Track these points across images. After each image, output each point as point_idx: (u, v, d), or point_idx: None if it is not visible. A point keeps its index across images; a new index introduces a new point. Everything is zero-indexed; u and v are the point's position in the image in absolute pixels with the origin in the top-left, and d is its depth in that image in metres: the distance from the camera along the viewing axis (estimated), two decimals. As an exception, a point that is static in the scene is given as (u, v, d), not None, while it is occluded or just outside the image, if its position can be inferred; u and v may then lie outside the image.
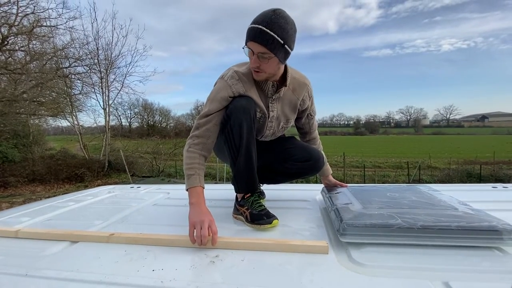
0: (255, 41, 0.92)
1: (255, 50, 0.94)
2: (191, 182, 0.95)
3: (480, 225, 0.74)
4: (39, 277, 0.68)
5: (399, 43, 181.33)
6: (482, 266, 0.66)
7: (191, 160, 0.99)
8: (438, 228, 0.74)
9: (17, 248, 0.88)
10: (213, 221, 0.85)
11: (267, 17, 0.91)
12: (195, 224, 0.83)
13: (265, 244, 0.80)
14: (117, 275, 0.66)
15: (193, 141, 1.01)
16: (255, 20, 0.92)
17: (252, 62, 0.96)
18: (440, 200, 0.99)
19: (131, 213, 1.25)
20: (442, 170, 12.04)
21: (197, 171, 0.97)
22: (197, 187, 0.95)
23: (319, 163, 1.21)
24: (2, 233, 0.97)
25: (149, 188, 1.81)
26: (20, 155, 9.84)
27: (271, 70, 0.99)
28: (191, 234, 0.83)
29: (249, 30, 0.93)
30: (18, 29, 9.79)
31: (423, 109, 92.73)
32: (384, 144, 31.85)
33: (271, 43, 0.91)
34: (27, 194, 8.24)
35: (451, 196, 1.05)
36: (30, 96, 10.25)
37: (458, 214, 0.82)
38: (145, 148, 14.37)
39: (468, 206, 0.91)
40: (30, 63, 10.32)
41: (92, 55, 11.28)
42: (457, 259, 0.69)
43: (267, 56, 0.94)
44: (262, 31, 0.90)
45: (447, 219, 0.78)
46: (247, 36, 0.94)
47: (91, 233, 0.92)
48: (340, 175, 11.36)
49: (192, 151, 1.00)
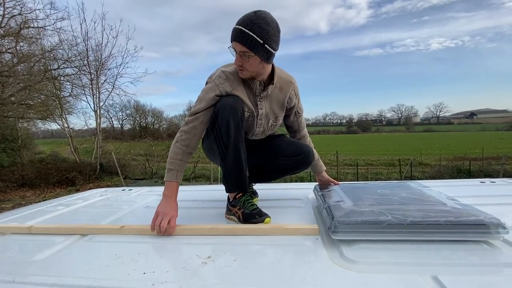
0: (237, 41, 0.98)
1: (237, 49, 0.99)
2: (168, 176, 1.04)
3: (467, 220, 0.75)
4: (26, 283, 0.66)
5: (389, 42, 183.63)
6: (470, 260, 0.68)
7: (175, 155, 1.05)
8: (427, 223, 0.75)
9: (5, 253, 0.86)
10: (175, 216, 0.95)
11: (248, 18, 0.96)
12: (159, 214, 0.94)
13: (260, 229, 0.90)
14: (108, 279, 0.65)
15: (180, 136, 1.07)
16: (237, 21, 0.98)
17: (235, 61, 1.03)
18: (430, 196, 1.01)
19: (123, 215, 1.23)
20: (433, 167, 12.27)
21: (177, 167, 1.04)
22: (173, 182, 1.03)
23: (309, 157, 1.23)
24: (15, 230, 1.03)
25: (141, 191, 1.79)
26: (9, 159, 9.62)
27: (254, 68, 1.03)
28: (153, 221, 0.93)
29: (232, 30, 0.99)
30: (5, 31, 9.56)
31: (414, 107, 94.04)
32: (377, 142, 32.27)
33: (250, 42, 0.96)
34: (16, 199, 8.05)
35: (440, 192, 1.07)
36: (18, 99, 10.02)
37: (447, 209, 0.83)
38: (138, 150, 14.22)
39: (456, 201, 0.93)
40: (17, 65, 10.07)
41: (81, 56, 11.10)
42: (445, 254, 0.70)
43: (248, 54, 0.99)
44: (242, 31, 0.96)
45: (436, 214, 0.79)
46: (231, 36, 1.00)
47: (103, 226, 1.00)
48: (333, 174, 11.44)
49: (178, 146, 1.06)
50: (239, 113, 1.03)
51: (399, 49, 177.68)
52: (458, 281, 0.58)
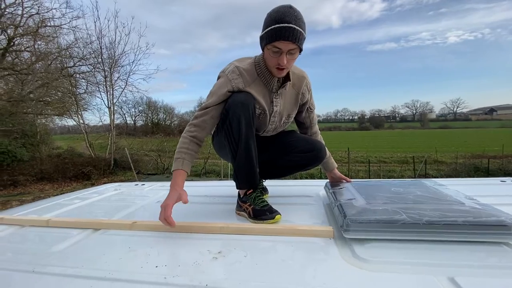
0: (288, 40, 0.94)
1: (286, 48, 0.96)
2: (174, 165, 1.01)
3: (487, 220, 0.72)
4: (45, 273, 0.69)
5: (404, 36, 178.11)
6: (489, 262, 0.65)
7: (182, 144, 1.04)
8: (444, 223, 0.73)
9: (24, 244, 0.90)
10: (170, 205, 0.90)
11: (291, 14, 0.94)
12: (161, 207, 0.92)
13: (274, 229, 0.88)
14: (121, 272, 0.67)
15: (189, 129, 1.06)
16: (280, 19, 0.93)
17: (283, 61, 0.97)
18: (446, 195, 0.98)
19: (135, 210, 1.26)
20: (449, 165, 11.89)
21: (183, 155, 1.02)
22: (178, 171, 1.00)
23: (321, 153, 1.21)
24: (34, 222, 1.07)
25: (153, 186, 1.82)
26: (28, 154, 9.99)
27: (293, 64, 1.05)
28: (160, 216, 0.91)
29: (277, 29, 0.94)
30: (24, 30, 9.90)
31: (429, 103, 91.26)
32: (390, 139, 31.54)
33: (301, 38, 0.96)
34: (36, 192, 8.40)
35: (457, 191, 1.04)
36: (37, 96, 10.40)
37: (465, 209, 0.80)
38: (150, 146, 14.47)
39: (475, 201, 0.90)
40: (35, 63, 10.44)
41: (95, 54, 11.35)
42: (463, 255, 0.68)
43: (296, 52, 0.98)
44: (294, 29, 0.93)
45: (453, 214, 0.76)
46: (274, 36, 0.94)
47: (116, 221, 1.02)
48: (344, 171, 11.30)
49: (186, 136, 1.05)
50: (250, 110, 1.02)
51: (414, 43, 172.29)
52: (476, 283, 0.56)
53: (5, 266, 0.73)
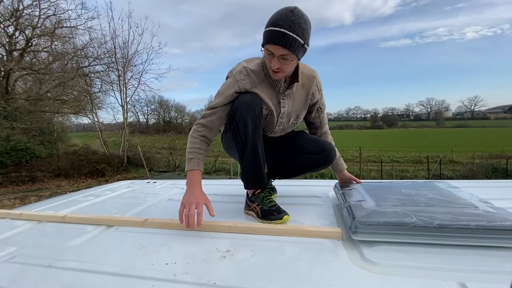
0: (277, 44, 0.91)
1: (277, 52, 0.93)
2: (190, 166, 1.02)
3: (501, 225, 0.70)
4: (61, 268, 0.72)
5: (419, 32, 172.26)
6: (503, 267, 0.63)
7: (193, 144, 1.04)
8: (456, 227, 0.71)
9: (41, 239, 0.94)
10: (201, 203, 0.92)
11: (287, 18, 0.89)
12: (185, 204, 0.91)
13: (282, 230, 0.88)
14: (133, 268, 0.69)
15: (197, 128, 1.07)
16: (274, 22, 0.90)
17: (273, 64, 0.96)
18: (459, 197, 0.95)
19: (147, 207, 1.29)
20: (465, 165, 11.49)
21: (197, 155, 1.03)
22: (195, 171, 1.01)
23: (331, 154, 1.19)
24: (51, 218, 1.11)
25: (164, 183, 1.86)
26: (46, 151, 10.37)
27: (291, 69, 1.01)
28: (180, 213, 0.91)
29: (269, 32, 0.91)
30: (41, 31, 10.25)
31: (445, 101, 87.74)
32: (403, 137, 30.81)
33: (293, 45, 0.90)
34: (53, 188, 8.72)
35: (471, 194, 1.01)
36: (54, 95, 10.77)
37: (478, 213, 0.78)
38: (162, 144, 14.70)
39: (489, 204, 0.87)
40: (53, 63, 10.80)
41: (109, 53, 11.62)
42: (474, 260, 0.66)
43: (288, 57, 0.94)
44: (285, 34, 0.89)
45: (466, 218, 0.75)
46: (266, 38, 0.93)
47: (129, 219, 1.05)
48: (356, 170, 11.12)
49: (195, 136, 1.06)
50: (256, 111, 1.01)
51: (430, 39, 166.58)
52: (488, 289, 0.55)
53: (24, 260, 0.77)
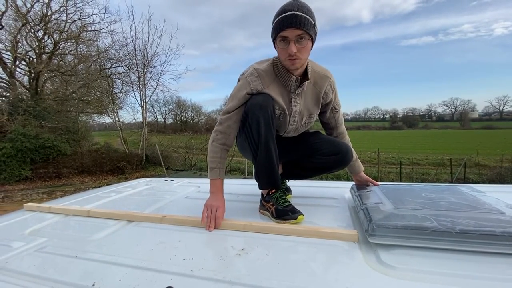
0: (292, 27, 0.94)
1: (293, 35, 0.95)
2: (212, 175, 1.10)
3: (530, 232, 0.66)
4: (87, 259, 0.76)
5: (443, 29, 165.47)
6: (531, 277, 0.60)
7: (214, 154, 1.10)
8: (480, 233, 0.68)
9: (68, 231, 1.00)
10: (221, 207, 1.01)
11: (294, 4, 0.96)
12: (208, 207, 1.00)
13: (296, 230, 0.88)
14: (152, 262, 0.72)
15: (216, 136, 1.11)
16: (282, 10, 0.96)
17: (291, 49, 0.96)
18: (484, 202, 0.91)
19: (165, 205, 1.33)
20: (493, 169, 10.86)
21: (218, 165, 1.10)
22: (217, 180, 1.09)
23: (347, 156, 1.17)
24: (77, 212, 1.18)
25: (181, 182, 1.90)
26: (71, 149, 10.89)
27: (306, 55, 1.02)
28: (203, 214, 0.98)
29: (280, 20, 0.96)
30: (68, 35, 10.81)
31: (471, 101, 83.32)
32: (424, 139, 29.61)
33: (306, 24, 0.95)
34: (77, 184, 9.17)
35: (497, 199, 0.96)
36: (79, 96, 11.33)
37: (505, 219, 0.75)
38: (179, 143, 15.05)
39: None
40: (78, 65, 11.35)
41: (130, 55, 12.07)
42: (499, 268, 0.63)
43: (304, 37, 0.96)
44: (297, 15, 0.94)
45: (491, 224, 0.71)
46: (279, 26, 0.96)
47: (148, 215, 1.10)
48: (373, 172, 10.82)
49: (216, 145, 1.10)
50: (269, 111, 1.02)
51: (455, 36, 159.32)
52: (514, 299, 0.53)
53: (52, 250, 0.82)
